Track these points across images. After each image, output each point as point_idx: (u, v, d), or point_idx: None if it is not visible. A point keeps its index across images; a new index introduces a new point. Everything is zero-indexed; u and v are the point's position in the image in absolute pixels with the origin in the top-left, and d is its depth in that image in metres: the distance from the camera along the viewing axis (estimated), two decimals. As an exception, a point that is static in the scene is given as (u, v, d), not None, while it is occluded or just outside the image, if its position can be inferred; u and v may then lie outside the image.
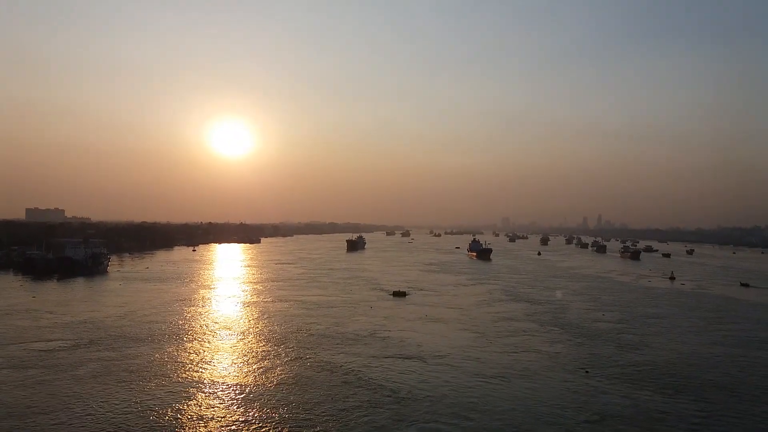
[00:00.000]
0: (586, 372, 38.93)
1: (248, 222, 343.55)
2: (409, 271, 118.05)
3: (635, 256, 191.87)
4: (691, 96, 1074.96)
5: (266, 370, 37.97)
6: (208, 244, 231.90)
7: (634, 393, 34.31)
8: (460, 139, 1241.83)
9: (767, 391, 35.41)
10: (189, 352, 42.75)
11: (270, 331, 51.35)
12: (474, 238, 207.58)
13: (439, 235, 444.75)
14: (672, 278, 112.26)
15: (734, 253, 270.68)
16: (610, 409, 31.23)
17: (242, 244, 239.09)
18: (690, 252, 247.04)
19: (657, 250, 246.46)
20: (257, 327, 53.32)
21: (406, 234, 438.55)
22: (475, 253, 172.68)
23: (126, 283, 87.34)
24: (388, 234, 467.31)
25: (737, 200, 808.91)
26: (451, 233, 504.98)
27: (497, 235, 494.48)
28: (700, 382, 37.04)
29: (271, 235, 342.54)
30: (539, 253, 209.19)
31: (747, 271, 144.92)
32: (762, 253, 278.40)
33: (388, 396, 32.66)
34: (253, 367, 38.98)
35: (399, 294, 76.54)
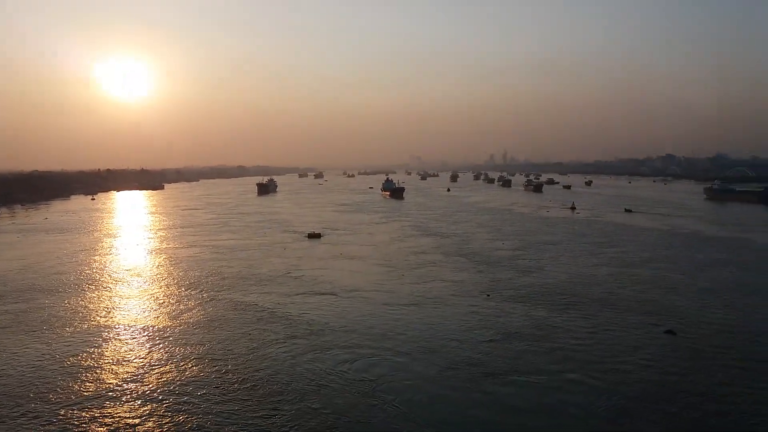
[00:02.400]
0: (488, 296, 42.15)
1: (150, 168, 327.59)
2: (324, 213, 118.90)
3: (538, 188, 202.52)
4: (590, 32, 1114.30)
5: (180, 313, 38.28)
6: (107, 192, 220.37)
7: (530, 312, 37.73)
8: (371, 78, 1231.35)
9: (640, 302, 40.00)
10: (101, 300, 42.12)
11: (181, 276, 51.11)
12: (387, 178, 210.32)
13: (353, 176, 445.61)
14: (573, 208, 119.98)
15: (630, 182, 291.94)
16: (511, 326, 34.33)
17: (145, 191, 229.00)
18: (588, 183, 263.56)
19: (558, 183, 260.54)
20: (168, 273, 52.86)
21: (319, 175, 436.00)
22: (388, 192, 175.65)
23: (24, 235, 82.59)
24: (300, 176, 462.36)
25: (632, 133, 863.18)
26: (365, 173, 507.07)
27: (410, 173, 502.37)
28: (586, 298, 41.19)
29: (174, 181, 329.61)
30: (449, 190, 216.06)
31: (636, 198, 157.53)
32: (653, 181, 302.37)
33: (304, 329, 34.08)
34: (166, 310, 39.14)
35: (314, 235, 77.28)
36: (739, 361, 28.16)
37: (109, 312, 38.83)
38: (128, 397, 24.74)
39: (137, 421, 22.52)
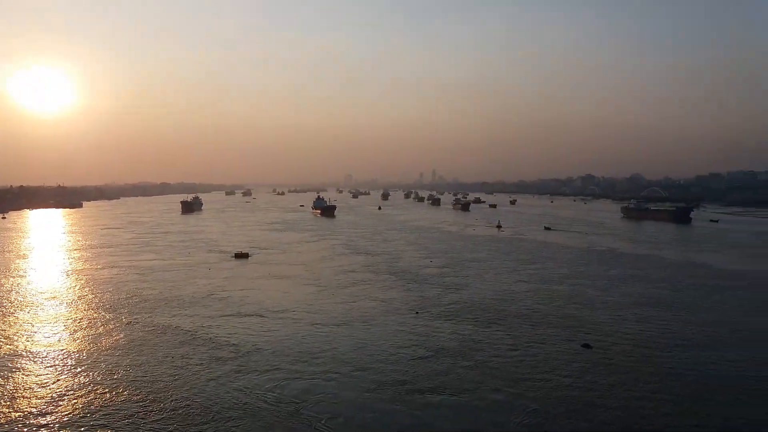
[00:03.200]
0: (416, 313, 42.77)
1: (68, 185, 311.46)
2: (252, 232, 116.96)
3: (466, 207, 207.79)
4: (515, 56, 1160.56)
5: (97, 337, 36.58)
6: (20, 210, 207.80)
7: (457, 328, 38.58)
8: (302, 95, 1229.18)
9: (559, 317, 41.77)
10: (10, 325, 39.54)
11: (99, 298, 48.88)
12: (318, 196, 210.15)
13: (283, 194, 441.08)
14: (499, 227, 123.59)
15: (552, 202, 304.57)
16: (438, 343, 34.98)
17: (62, 209, 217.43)
18: (513, 202, 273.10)
19: (485, 202, 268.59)
20: (85, 295, 50.40)
21: (247, 193, 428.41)
22: (319, 210, 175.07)
23: None
24: (227, 194, 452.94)
25: (554, 154, 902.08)
26: (296, 191, 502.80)
27: (341, 191, 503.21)
28: (509, 314, 42.58)
29: (94, 199, 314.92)
30: (380, 208, 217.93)
31: (557, 217, 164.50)
32: (574, 201, 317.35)
33: (229, 351, 33.36)
34: (83, 334, 37.30)
35: (241, 255, 75.72)
36: (650, 375, 29.81)
37: (20, 337, 36.54)
38: (41, 427, 23.36)
39: (47, 453, 21.29)
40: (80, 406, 25.51)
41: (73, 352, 33.37)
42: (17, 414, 24.66)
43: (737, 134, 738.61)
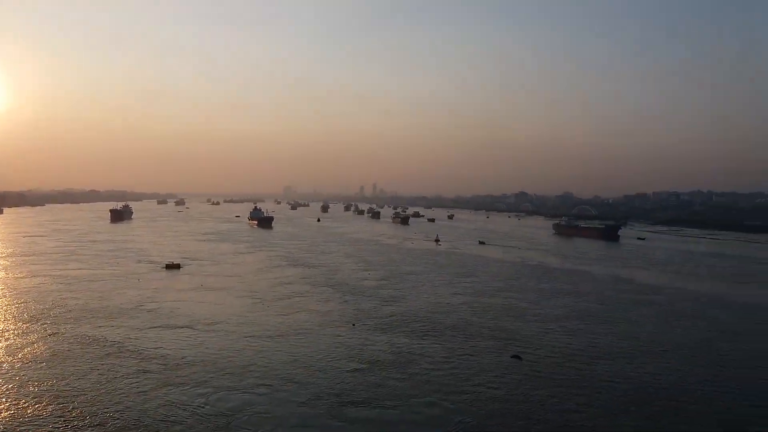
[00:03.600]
0: (353, 325, 42.78)
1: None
2: (185, 242, 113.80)
3: (405, 221, 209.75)
4: (451, 72, 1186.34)
5: (17, 349, 34.67)
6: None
7: (393, 340, 38.87)
8: (239, 103, 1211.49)
9: (491, 329, 42.79)
10: None
11: (21, 308, 46.35)
12: (255, 206, 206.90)
13: (218, 204, 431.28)
14: (437, 241, 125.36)
15: (488, 217, 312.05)
16: (374, 355, 35.14)
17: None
18: (451, 217, 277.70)
19: (423, 216, 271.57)
20: (4, 305, 47.65)
21: (180, 202, 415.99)
22: (256, 221, 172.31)
23: None
24: (159, 203, 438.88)
25: (489, 171, 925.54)
26: (232, 201, 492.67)
27: (279, 203, 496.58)
28: (443, 326, 43.28)
29: (16, 205, 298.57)
30: (319, 220, 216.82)
31: (492, 232, 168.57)
32: (509, 217, 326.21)
33: (157, 364, 32.32)
34: (1, 345, 35.20)
35: (172, 266, 73.41)
36: (578, 386, 30.98)
37: (-74, 351, 34.13)
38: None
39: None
40: (-7, 422, 24.08)
41: (-12, 366, 31.45)
42: None
43: (663, 156, 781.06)
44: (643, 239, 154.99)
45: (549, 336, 41.21)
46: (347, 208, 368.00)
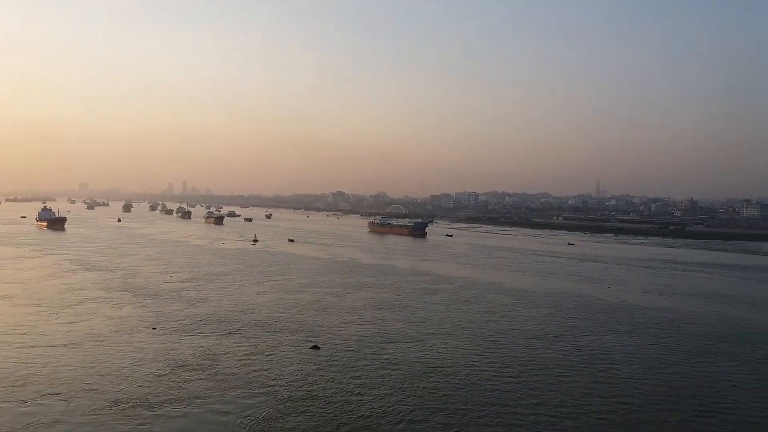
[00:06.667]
0: (153, 329, 41.50)
1: None
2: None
3: (219, 221, 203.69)
4: (266, 72, 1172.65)
5: None
6: None
7: (196, 341, 38.54)
8: (21, 87, 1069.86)
9: (295, 323, 44.52)
10: None
11: None
12: (44, 206, 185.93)
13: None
14: (255, 241, 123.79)
15: (308, 216, 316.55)
16: (178, 357, 34.64)
17: None
18: (268, 216, 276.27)
19: (240, 216, 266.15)
20: None
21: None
22: (45, 223, 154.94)
23: None
24: None
25: (308, 170, 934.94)
26: (15, 200, 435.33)
27: (74, 202, 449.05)
28: (249, 324, 43.99)
29: None
30: (119, 220, 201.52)
31: (309, 231, 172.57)
32: (327, 216, 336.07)
33: None
34: None
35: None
36: (368, 369, 33.88)
37: None
38: None
39: None
40: None
41: None
42: None
43: (464, 159, 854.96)
44: (451, 236, 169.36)
45: (347, 326, 44.06)
46: (153, 208, 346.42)
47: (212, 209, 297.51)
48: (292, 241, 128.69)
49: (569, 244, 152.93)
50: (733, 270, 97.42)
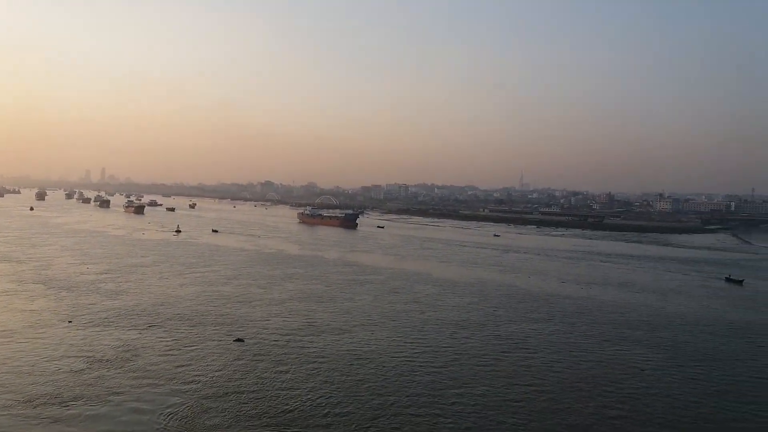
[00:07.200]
0: (69, 322, 39.61)
1: None
2: None
3: (140, 210, 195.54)
4: (197, 53, 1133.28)
5: None
6: None
7: (115, 334, 37.12)
8: None
9: (218, 316, 43.62)
10: None
11: None
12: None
13: None
14: (178, 231, 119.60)
15: (234, 207, 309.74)
16: (96, 352, 33.22)
17: None
18: (193, 206, 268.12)
19: (162, 205, 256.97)
20: None
21: None
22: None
23: None
24: None
25: (234, 159, 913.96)
26: None
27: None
28: (169, 317, 42.64)
29: None
30: (32, 209, 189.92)
31: (236, 222, 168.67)
32: (255, 206, 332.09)
33: None
34: None
35: None
36: (292, 359, 33.78)
37: None
38: None
39: None
40: None
41: None
42: None
43: (395, 150, 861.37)
44: (383, 227, 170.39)
45: (273, 318, 43.62)
46: (70, 196, 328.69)
47: (133, 198, 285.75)
48: (216, 231, 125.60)
49: (495, 235, 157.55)
50: (646, 261, 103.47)
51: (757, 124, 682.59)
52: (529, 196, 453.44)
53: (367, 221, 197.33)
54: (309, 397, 27.88)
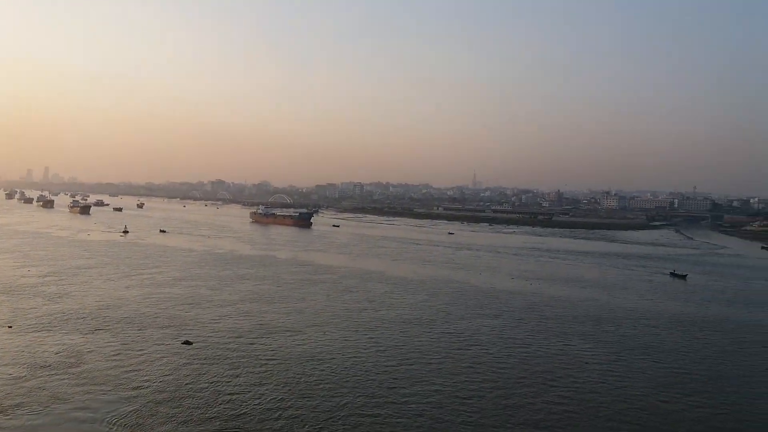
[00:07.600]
0: (9, 327, 38.08)
1: None
2: None
3: (86, 210, 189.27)
4: (160, 51, 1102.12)
5: None
6: None
7: (58, 339, 35.90)
8: None
9: (166, 318, 42.69)
10: None
11: None
12: None
13: None
14: (125, 232, 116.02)
15: (185, 206, 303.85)
16: (39, 357, 32.15)
17: None
18: (140, 205, 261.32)
19: (109, 205, 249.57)
20: None
21: None
22: None
23: None
24: None
25: (183, 157, 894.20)
26: None
27: None
28: (117, 320, 41.52)
29: None
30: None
31: (185, 221, 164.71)
32: (206, 205, 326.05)
33: None
34: None
35: None
36: (242, 360, 33.41)
37: None
38: None
39: None
40: None
41: None
42: None
43: (349, 148, 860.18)
44: (338, 226, 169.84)
45: (223, 320, 43.02)
46: (11, 196, 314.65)
47: (78, 198, 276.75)
48: (164, 232, 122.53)
49: (450, 233, 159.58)
50: (593, 257, 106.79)
51: (700, 122, 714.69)
52: (482, 195, 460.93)
53: (321, 220, 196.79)
54: (261, 399, 27.64)
